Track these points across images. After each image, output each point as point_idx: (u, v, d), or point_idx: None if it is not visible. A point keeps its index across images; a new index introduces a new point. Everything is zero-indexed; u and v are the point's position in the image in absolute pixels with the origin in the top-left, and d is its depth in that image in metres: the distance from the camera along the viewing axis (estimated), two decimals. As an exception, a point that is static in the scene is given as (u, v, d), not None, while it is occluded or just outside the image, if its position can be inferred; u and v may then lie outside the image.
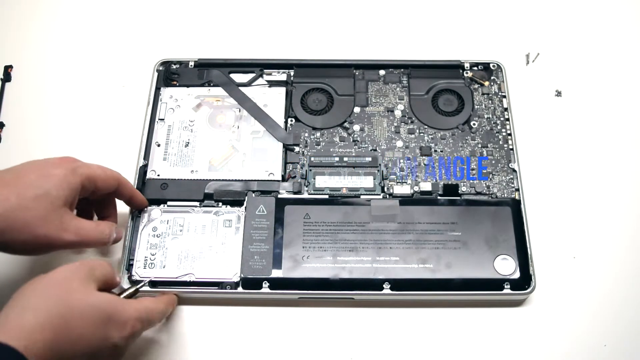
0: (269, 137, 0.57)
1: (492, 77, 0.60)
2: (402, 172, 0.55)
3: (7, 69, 0.63)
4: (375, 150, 0.56)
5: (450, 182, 0.54)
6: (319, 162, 0.56)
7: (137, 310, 0.42)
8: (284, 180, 0.55)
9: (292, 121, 0.58)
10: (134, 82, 0.62)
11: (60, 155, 0.46)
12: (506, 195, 0.54)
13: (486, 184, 0.54)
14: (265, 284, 0.50)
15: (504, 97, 0.59)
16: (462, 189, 0.54)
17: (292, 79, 0.60)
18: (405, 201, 0.53)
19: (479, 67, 0.60)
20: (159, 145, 0.56)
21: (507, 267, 0.50)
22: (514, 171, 0.55)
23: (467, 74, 0.60)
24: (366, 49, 0.64)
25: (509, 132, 0.57)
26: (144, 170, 0.55)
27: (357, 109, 0.58)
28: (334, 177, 0.55)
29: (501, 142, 0.56)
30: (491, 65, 0.60)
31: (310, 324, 0.51)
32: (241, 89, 0.59)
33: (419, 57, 0.62)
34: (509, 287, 0.50)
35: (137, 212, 0.53)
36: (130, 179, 0.52)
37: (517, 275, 0.50)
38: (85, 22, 0.66)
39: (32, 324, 0.36)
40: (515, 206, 0.53)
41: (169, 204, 0.53)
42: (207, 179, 0.54)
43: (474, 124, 0.57)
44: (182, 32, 0.66)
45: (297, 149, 0.56)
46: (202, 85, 0.59)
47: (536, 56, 0.64)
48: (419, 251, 0.51)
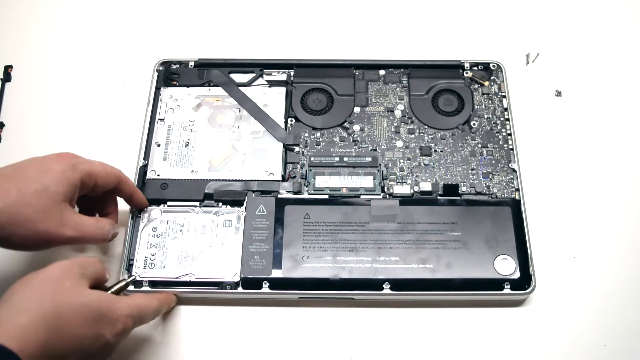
0: (269, 137, 0.57)
1: (492, 77, 0.60)
2: (402, 172, 0.55)
3: (7, 69, 0.63)
4: (375, 150, 0.56)
5: (450, 182, 0.54)
6: (319, 162, 0.56)
7: (129, 307, 0.42)
8: (284, 180, 0.55)
9: (292, 121, 0.58)
10: (134, 82, 0.62)
11: None
12: (506, 195, 0.54)
13: (486, 184, 0.54)
14: (265, 284, 0.50)
15: (504, 97, 0.59)
16: (462, 189, 0.54)
17: (292, 79, 0.60)
18: (405, 201, 0.53)
19: (479, 67, 0.60)
20: (159, 145, 0.56)
21: (507, 267, 0.50)
22: (514, 171, 0.55)
23: (467, 74, 0.60)
24: (366, 49, 0.64)
25: (509, 132, 0.57)
26: (144, 170, 0.55)
27: (357, 109, 0.58)
28: (334, 177, 0.55)
29: (501, 142, 0.56)
30: (491, 65, 0.60)
31: (310, 324, 0.51)
32: (241, 89, 0.59)
33: (419, 57, 0.62)
34: (509, 287, 0.50)
35: (137, 212, 0.53)
36: (130, 179, 0.51)
37: (517, 275, 0.50)
38: (85, 22, 0.66)
39: (26, 324, 0.36)
40: (515, 206, 0.53)
41: (169, 204, 0.53)
42: (207, 179, 0.54)
43: (474, 124, 0.57)
44: (182, 32, 0.66)
45: (297, 149, 0.56)
46: (202, 85, 0.59)
47: (536, 56, 0.64)
48: (419, 251, 0.51)
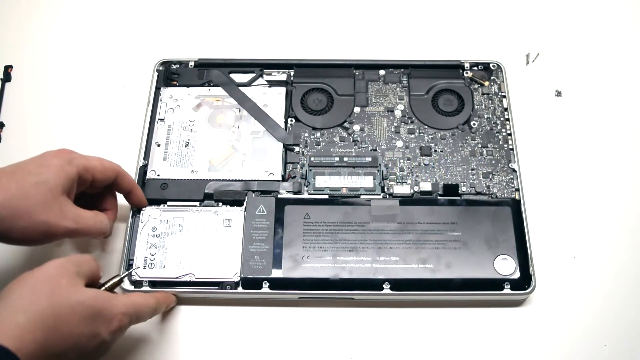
0: (269, 137, 0.57)
1: (492, 77, 0.60)
2: (402, 172, 0.55)
3: (7, 69, 0.63)
4: (375, 150, 0.56)
5: (450, 182, 0.54)
6: (319, 162, 0.56)
7: (125, 305, 0.42)
8: (284, 180, 0.55)
9: (292, 121, 0.58)
10: (134, 82, 0.62)
11: None
12: (506, 195, 0.54)
13: (486, 183, 0.54)
14: (265, 284, 0.50)
15: (504, 97, 0.59)
16: (462, 189, 0.54)
17: (292, 79, 0.60)
18: (405, 201, 0.53)
19: (479, 67, 0.60)
20: (159, 145, 0.56)
21: (507, 267, 0.50)
22: (514, 171, 0.55)
23: (467, 74, 0.60)
24: (366, 49, 0.64)
25: (509, 132, 0.57)
26: (144, 170, 0.55)
27: (357, 109, 0.58)
28: (334, 177, 0.55)
29: (501, 142, 0.56)
30: (491, 65, 0.60)
31: (310, 324, 0.51)
32: (241, 89, 0.59)
33: (419, 57, 0.62)
34: (509, 287, 0.50)
35: (136, 211, 0.52)
36: (129, 174, 0.51)
37: (517, 275, 0.50)
38: (85, 22, 0.66)
39: (24, 323, 0.36)
40: (515, 206, 0.53)
41: (169, 203, 0.53)
42: (207, 179, 0.54)
43: (474, 124, 0.57)
44: (182, 32, 0.66)
45: (297, 149, 0.56)
46: (202, 85, 0.59)
47: (536, 56, 0.64)
48: (419, 251, 0.51)
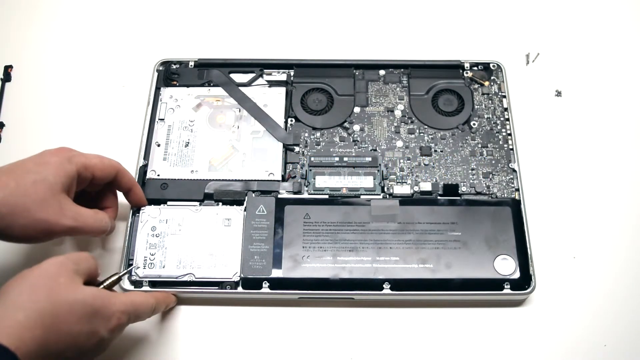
0: (269, 137, 0.57)
1: (492, 77, 0.60)
2: (402, 172, 0.55)
3: (7, 69, 0.63)
4: (375, 150, 0.56)
5: (450, 182, 0.54)
6: (319, 162, 0.56)
7: (123, 303, 0.42)
8: (284, 180, 0.55)
9: (292, 121, 0.58)
10: (134, 82, 0.62)
11: None
12: (506, 195, 0.54)
13: (486, 183, 0.54)
14: (265, 284, 0.50)
15: (504, 97, 0.59)
16: (462, 189, 0.54)
17: (292, 79, 0.60)
18: (405, 201, 0.53)
19: (479, 67, 0.60)
20: (159, 145, 0.56)
21: (507, 267, 0.50)
22: (514, 171, 0.55)
23: (467, 74, 0.60)
24: (366, 49, 0.64)
25: (509, 132, 0.57)
26: (144, 170, 0.55)
27: (357, 109, 0.58)
28: (334, 177, 0.55)
29: (501, 142, 0.56)
30: (491, 65, 0.60)
31: (310, 324, 0.51)
32: (241, 89, 0.59)
33: (419, 57, 0.62)
34: (509, 287, 0.50)
35: (136, 211, 0.52)
36: (129, 172, 0.51)
37: (517, 275, 0.50)
38: (85, 22, 0.66)
39: (23, 321, 0.36)
40: (515, 206, 0.53)
41: (169, 203, 0.53)
42: (207, 179, 0.54)
43: (474, 124, 0.57)
44: (182, 32, 0.66)
45: (297, 149, 0.56)
46: (202, 85, 0.59)
47: (536, 56, 0.64)
48: (419, 251, 0.51)
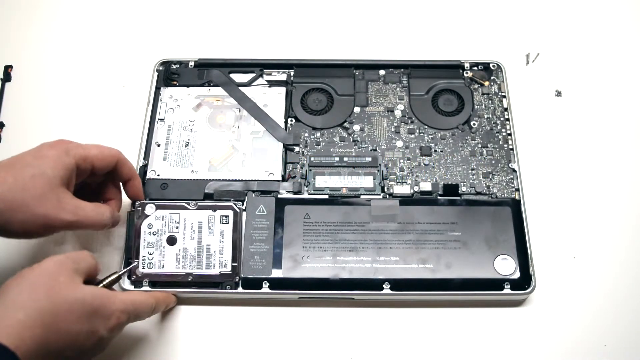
0: (269, 137, 0.57)
1: (492, 77, 0.60)
2: (402, 172, 0.55)
3: (7, 69, 0.63)
4: (375, 150, 0.56)
5: (450, 182, 0.54)
6: (319, 162, 0.56)
7: (123, 302, 0.42)
8: (284, 180, 0.55)
9: (292, 121, 0.58)
10: (134, 82, 0.62)
11: None
12: (506, 195, 0.54)
13: (486, 183, 0.54)
14: (265, 284, 0.50)
15: (504, 97, 0.59)
16: (462, 189, 0.54)
17: (292, 79, 0.60)
18: (405, 201, 0.53)
19: (479, 67, 0.60)
20: (159, 145, 0.56)
21: (507, 267, 0.50)
22: (514, 171, 0.55)
23: (467, 74, 0.60)
24: (366, 49, 0.64)
25: (509, 132, 0.57)
26: (144, 170, 0.55)
27: (357, 109, 0.58)
28: (334, 177, 0.55)
29: (501, 142, 0.56)
30: (491, 65, 0.60)
31: (310, 324, 0.51)
32: (241, 89, 0.59)
33: (419, 57, 0.62)
34: (509, 287, 0.50)
35: (133, 210, 0.52)
36: (130, 161, 0.51)
37: (517, 275, 0.50)
38: (85, 22, 0.66)
39: (23, 321, 0.36)
40: (515, 206, 0.53)
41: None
42: (207, 179, 0.54)
43: (474, 124, 0.57)
44: (182, 32, 0.65)
45: (297, 149, 0.56)
46: (202, 85, 0.59)
47: (536, 56, 0.64)
48: (419, 251, 0.51)
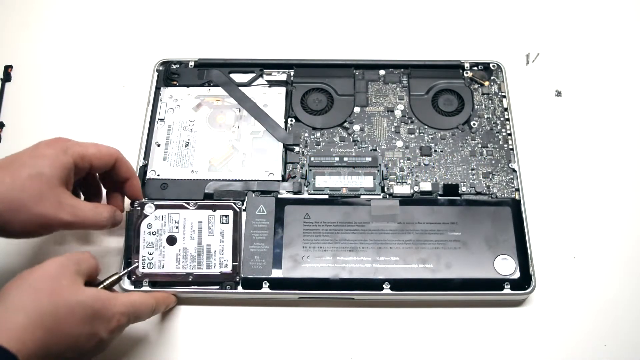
0: (269, 137, 0.57)
1: (492, 77, 0.60)
2: (402, 172, 0.55)
3: (7, 69, 0.63)
4: (375, 150, 0.56)
5: (450, 182, 0.54)
6: (319, 162, 0.56)
7: (124, 304, 0.42)
8: (284, 180, 0.55)
9: (292, 121, 0.58)
10: (134, 82, 0.62)
11: None
12: (506, 195, 0.54)
13: (486, 183, 0.54)
14: (265, 284, 0.50)
15: (504, 97, 0.59)
16: (462, 189, 0.54)
17: (292, 79, 0.60)
18: (405, 201, 0.53)
19: (479, 67, 0.60)
20: (159, 145, 0.56)
21: (507, 267, 0.50)
22: (514, 171, 0.55)
23: (467, 74, 0.60)
24: (366, 49, 0.64)
25: (509, 132, 0.57)
26: (144, 170, 0.55)
27: (357, 109, 0.58)
28: (334, 177, 0.55)
29: (501, 142, 0.56)
30: (491, 65, 0.60)
31: (310, 324, 0.51)
32: (241, 89, 0.59)
33: (419, 57, 0.62)
34: (509, 287, 0.50)
35: (132, 210, 0.52)
36: (129, 161, 0.50)
37: (517, 275, 0.50)
38: (85, 22, 0.66)
39: (24, 324, 0.36)
40: (515, 206, 0.53)
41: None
42: (207, 179, 0.54)
43: (474, 124, 0.57)
44: (182, 32, 0.65)
45: (297, 149, 0.56)
46: (202, 85, 0.59)
47: (536, 56, 0.64)
48: (419, 251, 0.51)
